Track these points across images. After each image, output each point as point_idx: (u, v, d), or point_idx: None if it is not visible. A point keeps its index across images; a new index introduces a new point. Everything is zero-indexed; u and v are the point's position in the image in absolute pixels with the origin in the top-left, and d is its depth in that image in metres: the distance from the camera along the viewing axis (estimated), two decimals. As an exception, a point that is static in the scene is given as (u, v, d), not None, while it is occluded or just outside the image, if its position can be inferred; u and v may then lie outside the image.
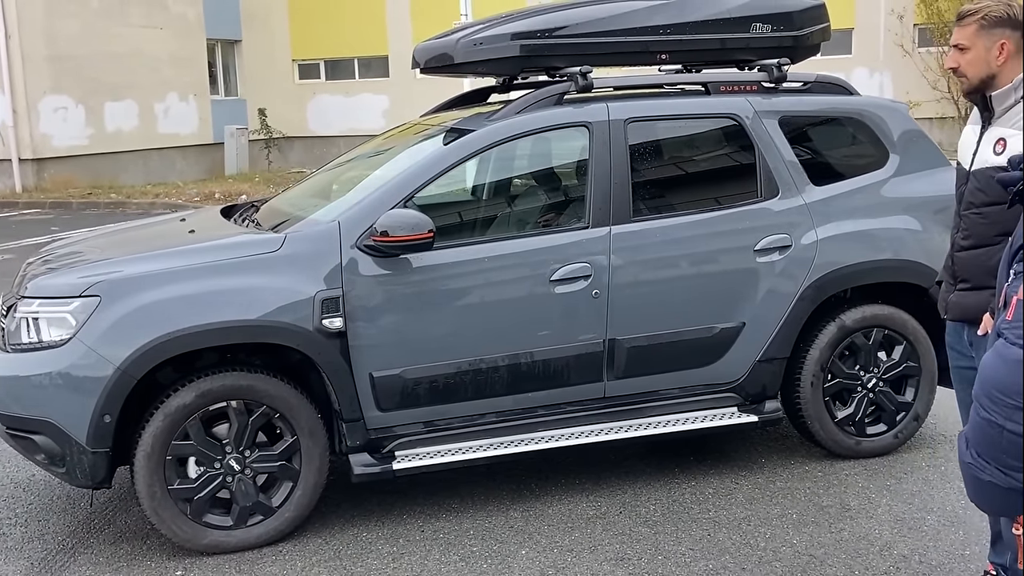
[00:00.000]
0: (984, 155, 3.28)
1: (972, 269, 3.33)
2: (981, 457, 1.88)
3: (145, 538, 4.46)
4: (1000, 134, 3.21)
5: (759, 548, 4.20)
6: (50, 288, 4.25)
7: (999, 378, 1.82)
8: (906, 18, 20.94)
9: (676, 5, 5.16)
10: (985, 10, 3.18)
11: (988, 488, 1.89)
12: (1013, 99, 3.20)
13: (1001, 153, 3.18)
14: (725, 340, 4.84)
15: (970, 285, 3.34)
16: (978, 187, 3.30)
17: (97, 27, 20.89)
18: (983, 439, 1.86)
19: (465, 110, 5.46)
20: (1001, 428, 1.81)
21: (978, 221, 3.30)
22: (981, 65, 3.21)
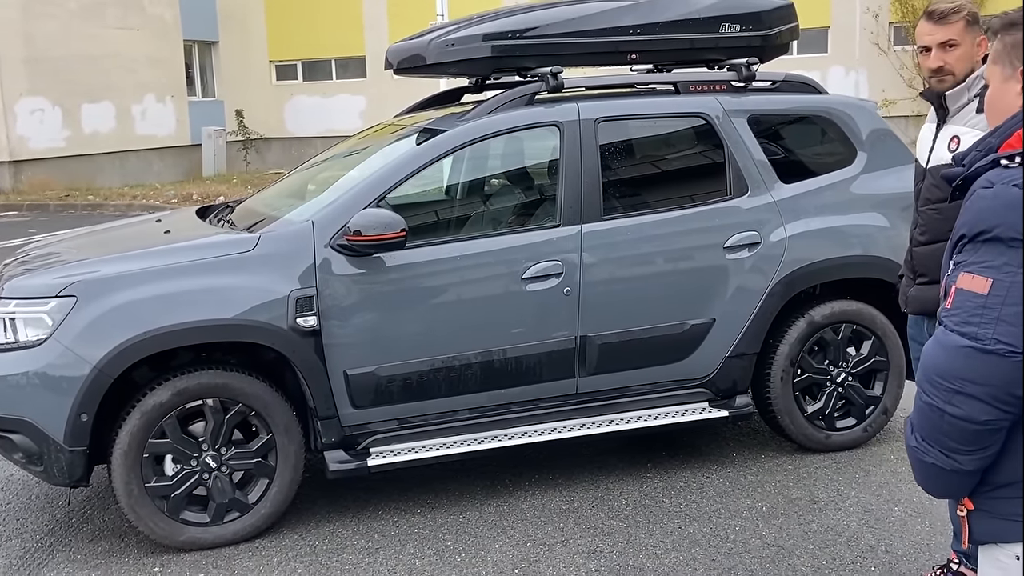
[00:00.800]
0: (939, 153, 3.40)
1: (930, 264, 3.42)
2: (925, 440, 1.95)
3: (123, 535, 4.50)
4: (954, 132, 3.33)
5: (729, 540, 4.28)
6: (26, 288, 4.28)
7: (939, 364, 1.88)
8: (881, 16, 21.13)
9: (646, 5, 5.23)
10: (966, 8, 3.29)
11: (932, 470, 1.95)
12: (966, 98, 3.32)
13: (955, 150, 3.29)
14: (696, 336, 4.91)
15: (928, 279, 3.44)
16: (934, 184, 3.42)
17: (74, 29, 20.82)
18: (926, 423, 1.93)
19: (438, 110, 5.51)
20: (942, 412, 1.88)
21: (935, 217, 3.41)
22: (968, 60, 3.30)
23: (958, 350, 1.85)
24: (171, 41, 23.64)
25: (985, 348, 1.82)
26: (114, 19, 21.85)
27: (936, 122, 3.43)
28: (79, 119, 21.24)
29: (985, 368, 1.82)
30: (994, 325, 1.81)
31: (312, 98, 25.95)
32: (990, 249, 1.85)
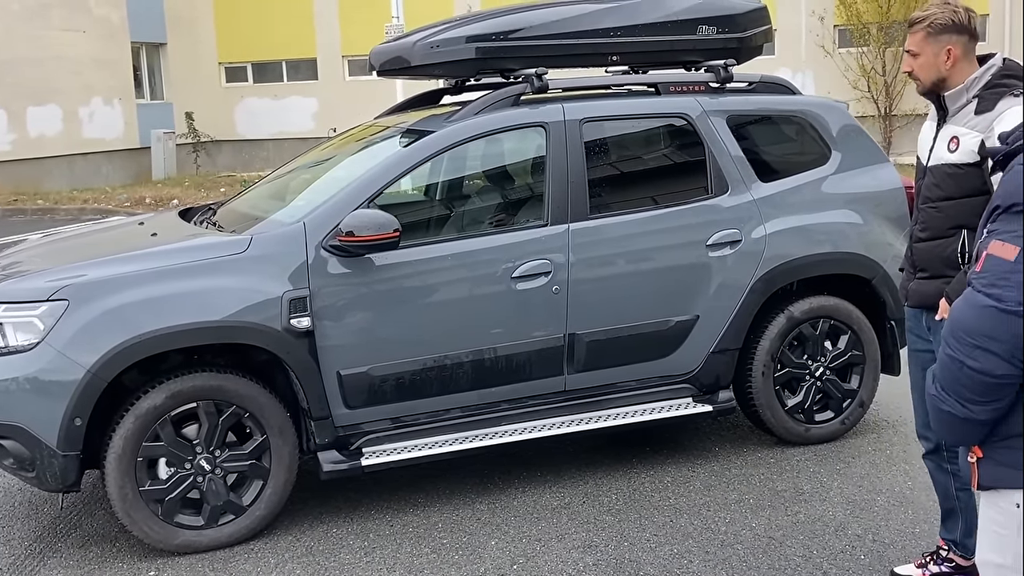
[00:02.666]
0: (939, 152, 3.46)
1: (929, 259, 3.51)
2: (944, 391, 2.14)
3: (114, 540, 4.46)
4: (954, 132, 3.40)
5: (720, 532, 4.36)
6: (16, 293, 4.23)
7: (965, 320, 2.07)
8: (826, 20, 21.49)
9: (626, 8, 5.31)
10: (931, 18, 3.36)
11: (947, 417, 2.14)
12: (964, 99, 3.39)
13: (955, 151, 3.38)
14: (680, 333, 4.99)
15: (929, 274, 3.52)
16: (934, 182, 3.48)
17: (17, 31, 20.41)
18: (946, 374, 2.12)
19: (420, 112, 5.54)
20: (962, 364, 2.07)
21: (934, 214, 3.49)
22: (931, 69, 3.40)
23: (983, 309, 2.03)
24: (118, 43, 23.28)
25: (1008, 309, 2.00)
26: (59, 21, 21.46)
27: (936, 121, 3.52)
28: (24, 122, 20.82)
29: (1006, 327, 2.00)
30: (1018, 289, 1.99)
31: (263, 100, 25.71)
32: (1021, 220, 2.01)
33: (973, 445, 2.17)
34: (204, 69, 25.67)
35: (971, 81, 3.37)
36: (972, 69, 3.38)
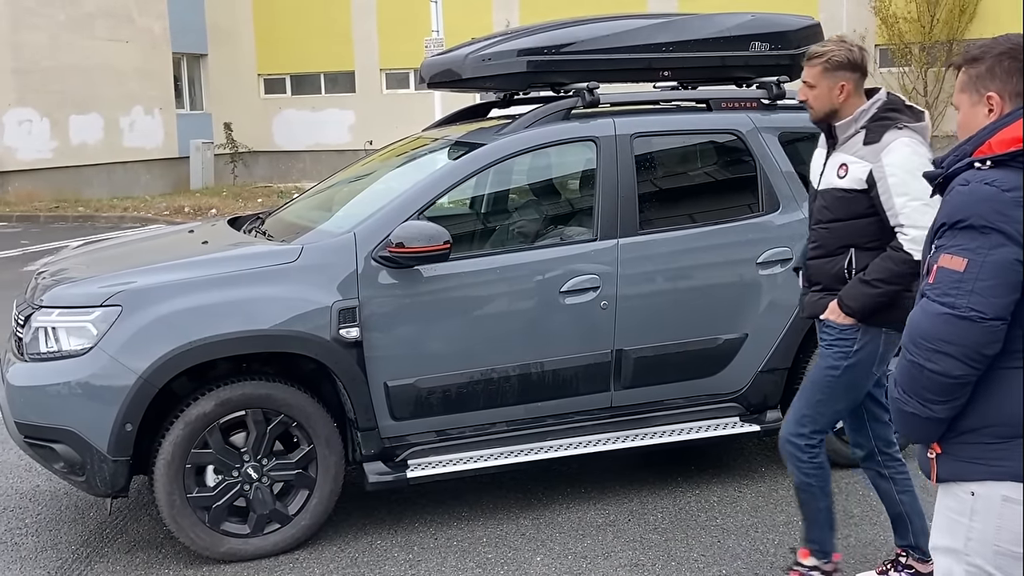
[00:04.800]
0: (829, 177, 3.71)
1: (821, 275, 3.77)
2: (906, 393, 2.30)
3: (159, 546, 4.47)
4: (843, 160, 3.65)
5: (769, 554, 4.30)
6: (70, 298, 4.26)
7: (922, 328, 2.25)
8: (868, 39, 21.38)
9: (678, 24, 5.29)
10: (829, 55, 3.63)
11: (910, 418, 2.31)
12: (853, 129, 3.64)
13: (844, 177, 3.64)
14: (728, 351, 4.95)
15: (821, 287, 3.77)
16: (824, 205, 3.73)
17: (63, 40, 20.71)
18: (907, 378, 2.28)
19: (468, 125, 5.54)
20: (922, 367, 2.24)
21: (825, 235, 3.74)
22: (825, 101, 3.66)
23: (938, 316, 2.23)
24: (160, 53, 23.56)
25: (961, 315, 2.20)
26: (103, 31, 21.76)
27: (827, 148, 3.75)
28: (67, 130, 21.11)
29: (960, 332, 2.20)
30: (968, 296, 2.19)
31: (300, 112, 25.90)
32: (966, 235, 2.22)
33: (933, 442, 2.33)
34: (243, 80, 25.91)
35: (859, 113, 3.62)
36: (861, 102, 3.65)
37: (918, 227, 3.44)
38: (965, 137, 2.38)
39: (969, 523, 2.28)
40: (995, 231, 2.18)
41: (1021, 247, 2.16)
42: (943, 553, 2.37)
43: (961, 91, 2.40)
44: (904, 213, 3.52)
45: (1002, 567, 2.26)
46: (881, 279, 3.56)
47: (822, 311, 3.73)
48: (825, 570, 3.95)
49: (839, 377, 3.72)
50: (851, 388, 3.76)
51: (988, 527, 2.26)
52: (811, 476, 3.87)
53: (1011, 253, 2.17)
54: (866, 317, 3.61)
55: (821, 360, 3.79)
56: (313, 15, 24.91)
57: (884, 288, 3.56)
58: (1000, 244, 2.17)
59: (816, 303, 3.79)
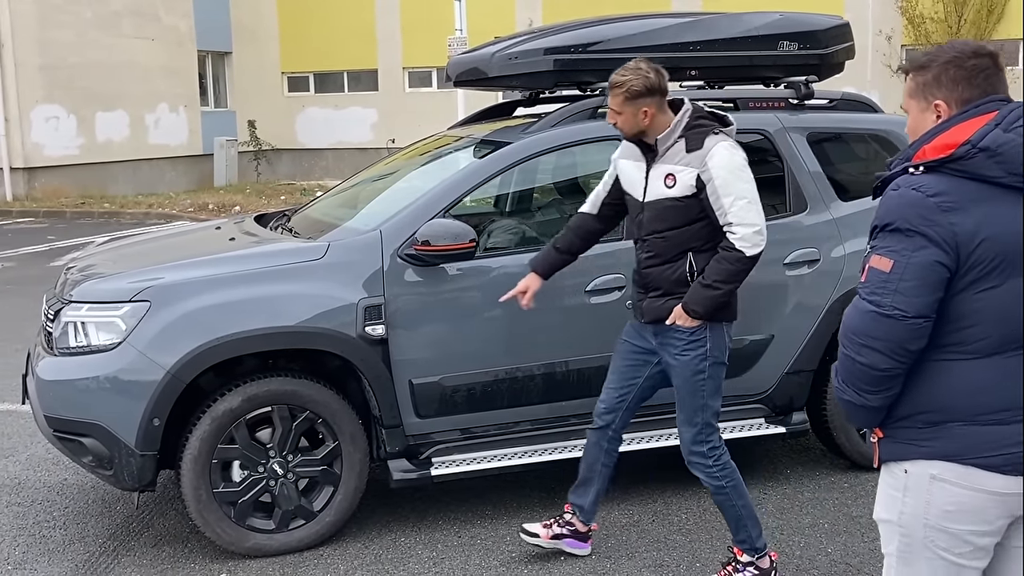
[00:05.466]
0: (656, 189, 3.86)
1: (660, 281, 3.91)
2: (844, 383, 2.45)
3: (185, 541, 4.49)
4: (668, 170, 3.82)
5: (795, 556, 4.28)
6: (99, 293, 4.29)
7: (854, 324, 2.39)
8: (894, 39, 21.25)
9: (706, 23, 5.27)
10: (628, 84, 3.79)
11: (848, 406, 2.46)
12: (672, 140, 3.83)
13: (673, 186, 3.81)
14: (754, 352, 4.92)
15: (661, 292, 3.92)
16: (656, 216, 3.88)
17: (90, 37, 20.86)
18: (844, 370, 2.43)
19: (493, 123, 5.54)
20: (853, 360, 2.39)
21: (661, 243, 3.89)
22: (632, 125, 3.84)
23: (866, 314, 2.35)
24: (185, 51, 23.70)
25: (885, 313, 2.32)
26: (130, 28, 21.90)
27: (644, 162, 3.90)
28: (93, 127, 21.26)
29: (885, 328, 2.32)
30: (893, 295, 2.31)
31: (324, 110, 25.98)
32: (893, 237, 2.33)
33: (875, 427, 2.47)
34: (267, 78, 26.02)
35: (674, 125, 3.82)
36: (668, 117, 3.84)
37: (745, 224, 3.75)
38: None
39: (903, 498, 2.43)
40: (918, 234, 2.29)
41: (942, 249, 2.28)
42: (884, 524, 2.53)
43: (910, 97, 2.49)
44: (732, 212, 3.75)
45: (932, 539, 2.40)
46: (720, 280, 3.77)
47: (666, 315, 3.88)
48: (761, 566, 3.99)
49: (708, 377, 3.92)
50: (718, 382, 3.97)
51: (919, 502, 2.40)
52: (723, 479, 3.99)
53: (933, 255, 2.28)
54: (711, 317, 3.83)
55: (683, 370, 3.93)
56: (337, 14, 24.99)
57: (725, 288, 3.78)
58: (922, 246, 2.29)
59: (659, 308, 3.93)
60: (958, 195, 2.29)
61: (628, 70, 3.83)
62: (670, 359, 3.96)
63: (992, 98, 2.39)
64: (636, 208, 3.98)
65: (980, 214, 2.28)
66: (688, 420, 3.99)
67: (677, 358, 3.92)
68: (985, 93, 2.39)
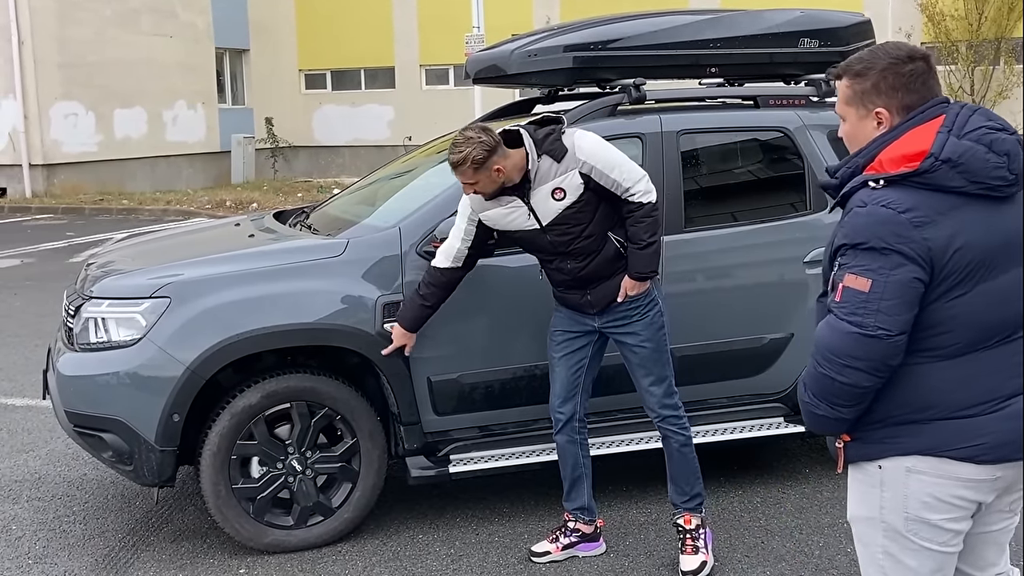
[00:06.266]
0: (549, 209, 3.94)
1: (601, 269, 4.02)
2: (816, 397, 2.43)
3: (204, 536, 4.51)
4: (553, 186, 3.91)
5: (814, 556, 4.26)
6: (119, 289, 4.31)
7: (832, 344, 2.35)
8: (914, 37, 21.09)
9: (726, 20, 5.25)
10: (470, 157, 3.82)
11: (821, 419, 2.45)
12: (537, 164, 3.91)
13: (563, 197, 3.91)
14: (774, 351, 4.90)
15: (604, 279, 4.03)
16: (566, 229, 3.96)
17: (108, 35, 20.97)
18: (818, 386, 2.41)
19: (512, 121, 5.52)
20: (832, 379, 2.36)
21: (587, 244, 3.99)
22: (492, 186, 3.92)
23: (847, 335, 2.32)
24: (203, 48, 23.80)
25: (868, 334, 2.30)
26: (148, 26, 22.01)
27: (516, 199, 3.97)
28: (111, 124, 21.38)
29: (869, 348, 2.31)
30: (875, 315, 2.29)
31: (341, 107, 26.02)
32: (867, 256, 2.30)
33: (841, 434, 2.47)
34: (285, 75, 26.08)
35: (530, 160, 3.90)
36: (519, 155, 3.90)
37: (636, 181, 3.93)
38: (852, 147, 2.48)
39: (881, 492, 2.44)
40: (895, 252, 2.27)
41: (919, 265, 2.27)
42: (862, 522, 2.54)
43: (847, 104, 2.47)
44: (624, 179, 3.91)
45: (914, 531, 2.42)
46: (651, 234, 3.95)
47: (615, 294, 4.03)
48: (704, 519, 4.21)
49: (667, 332, 4.13)
50: (669, 332, 4.16)
51: (897, 495, 2.41)
52: (689, 428, 4.21)
53: (911, 272, 2.27)
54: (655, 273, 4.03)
55: (646, 331, 4.08)
56: (354, 11, 25.02)
57: (656, 239, 3.97)
58: (900, 264, 2.27)
59: (607, 291, 4.05)
60: (927, 209, 2.28)
61: (460, 145, 3.85)
62: (628, 328, 4.08)
63: (933, 102, 2.38)
64: (535, 236, 4.05)
65: (950, 226, 2.29)
66: (658, 378, 4.12)
67: (637, 323, 4.06)
68: (924, 98, 2.38)
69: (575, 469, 4.27)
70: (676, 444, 4.17)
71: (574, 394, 4.23)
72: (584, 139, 3.94)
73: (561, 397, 4.23)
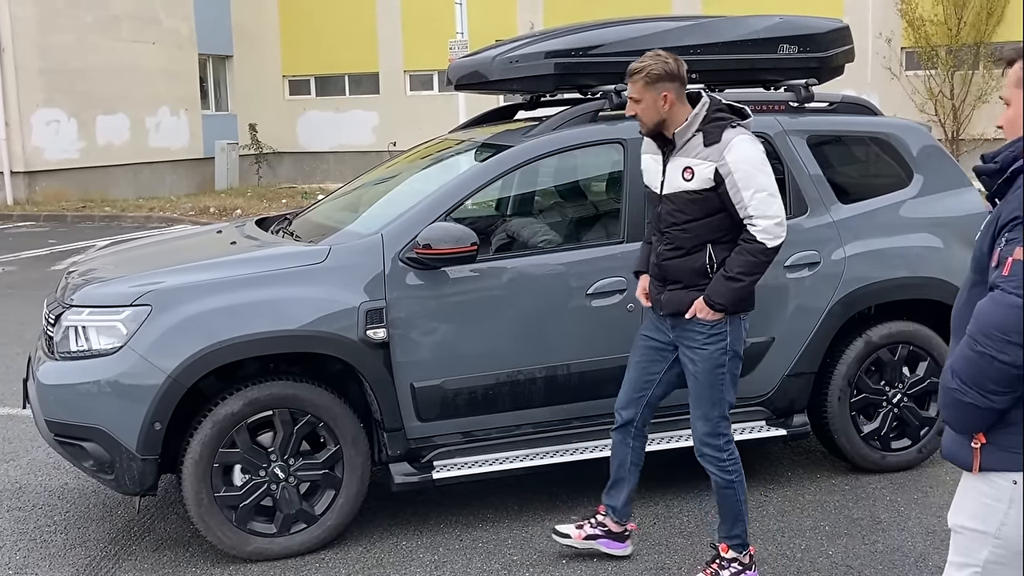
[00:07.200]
0: (674, 182, 3.90)
1: (681, 273, 3.95)
2: (965, 383, 2.32)
3: (187, 545, 4.49)
4: (687, 163, 3.86)
5: (796, 559, 4.28)
6: (100, 297, 4.30)
7: (996, 319, 2.26)
8: (894, 42, 21.24)
9: (706, 26, 5.27)
10: (647, 69, 3.84)
11: (968, 408, 2.33)
12: (690, 134, 3.86)
13: (691, 179, 3.85)
14: (755, 354, 4.91)
15: (681, 285, 3.96)
16: (675, 208, 3.92)
17: (90, 41, 20.88)
18: (972, 369, 2.30)
19: (494, 127, 5.55)
20: (992, 358, 2.26)
21: (681, 235, 3.93)
22: (652, 112, 3.87)
23: (1015, 308, 2.24)
24: (186, 55, 23.72)
25: None
26: (130, 32, 21.92)
27: (661, 155, 3.95)
28: (94, 130, 21.27)
29: None
30: None
31: (325, 113, 25.98)
32: None
33: (980, 432, 2.35)
34: (268, 81, 26.02)
35: (692, 117, 3.86)
36: (686, 109, 3.88)
37: (767, 217, 3.79)
38: (1013, 133, 2.39)
39: (1007, 510, 2.33)
40: None
41: None
42: (969, 534, 2.42)
43: (1015, 86, 2.38)
44: (752, 205, 3.78)
45: None
46: (744, 272, 3.82)
47: (686, 308, 3.92)
48: (743, 562, 4.02)
49: (726, 371, 3.95)
50: (735, 375, 4.01)
51: None
52: (733, 472, 4.02)
53: None
54: (735, 310, 3.88)
55: (703, 364, 3.95)
56: (338, 17, 24.99)
57: (747, 280, 3.84)
58: None
59: (679, 300, 3.96)
60: None
61: (647, 57, 3.88)
62: (689, 352, 3.99)
63: None
64: (655, 201, 4.04)
65: None
66: (704, 414, 4.00)
67: (697, 351, 3.95)
68: None
69: (619, 470, 4.27)
70: (715, 483, 4.05)
71: (639, 400, 4.20)
72: (740, 145, 3.81)
73: (624, 399, 4.23)
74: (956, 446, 2.44)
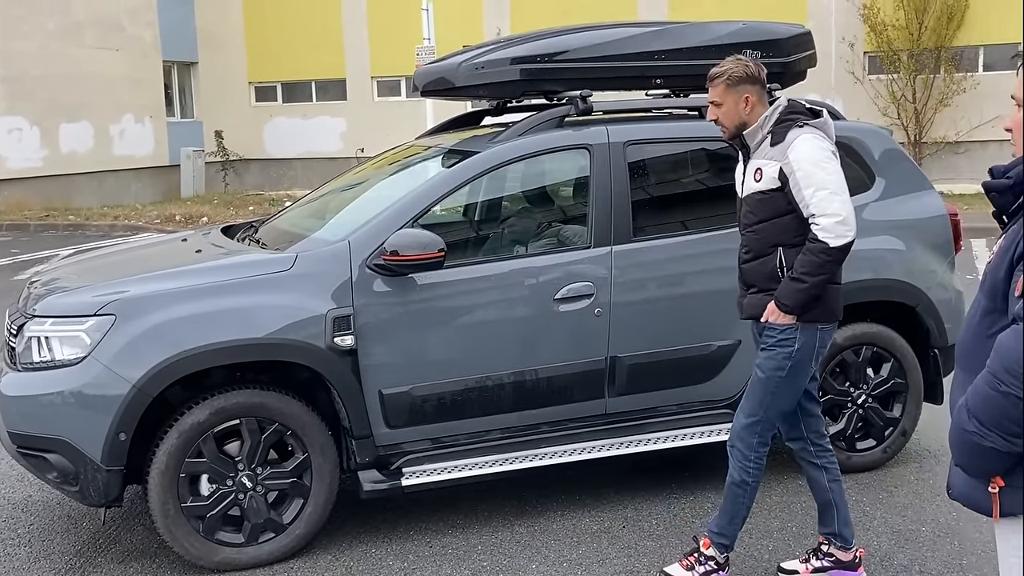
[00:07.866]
0: (748, 184, 3.95)
1: (756, 276, 3.96)
2: (983, 426, 2.10)
3: (153, 556, 4.45)
4: (757, 165, 3.90)
5: (764, 560, 4.31)
6: (63, 307, 4.25)
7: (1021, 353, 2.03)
8: (856, 46, 21.45)
9: (671, 32, 5.31)
10: (728, 72, 3.88)
11: (988, 452, 2.12)
12: (760, 136, 3.90)
13: (760, 180, 3.86)
14: (722, 357, 4.96)
15: (757, 289, 3.96)
16: (748, 210, 3.96)
17: (52, 48, 20.65)
18: (994, 410, 2.08)
19: (461, 132, 5.55)
20: (1018, 399, 2.04)
21: (753, 238, 3.96)
22: (734, 115, 3.90)
23: None
24: (150, 62, 23.51)
25: None
26: (93, 39, 21.70)
27: (742, 159, 4.00)
28: (57, 138, 21.03)
29: None
30: None
31: (292, 120, 25.84)
32: None
33: (997, 476, 2.17)
34: (234, 88, 25.84)
35: (763, 120, 3.88)
36: (765, 109, 3.90)
37: (828, 215, 3.72)
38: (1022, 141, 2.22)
39: None
40: None
41: None
42: None
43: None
44: (814, 203, 3.74)
45: None
46: (807, 272, 3.75)
47: (761, 311, 3.91)
48: (719, 562, 4.05)
49: (785, 378, 3.89)
50: (795, 386, 3.94)
51: None
52: (752, 475, 4.00)
53: None
54: (802, 313, 3.81)
55: (765, 363, 3.93)
56: (304, 23, 24.88)
57: (812, 281, 3.76)
58: None
59: (755, 304, 3.96)
60: None
61: (726, 61, 3.92)
62: (760, 352, 3.96)
63: None
64: (738, 205, 4.09)
65: None
66: (750, 411, 3.96)
67: (765, 351, 3.92)
68: None
69: (821, 494, 4.11)
70: (729, 476, 4.04)
71: (795, 420, 4.09)
72: (803, 143, 3.77)
73: (783, 423, 4.11)
74: (969, 489, 2.25)
